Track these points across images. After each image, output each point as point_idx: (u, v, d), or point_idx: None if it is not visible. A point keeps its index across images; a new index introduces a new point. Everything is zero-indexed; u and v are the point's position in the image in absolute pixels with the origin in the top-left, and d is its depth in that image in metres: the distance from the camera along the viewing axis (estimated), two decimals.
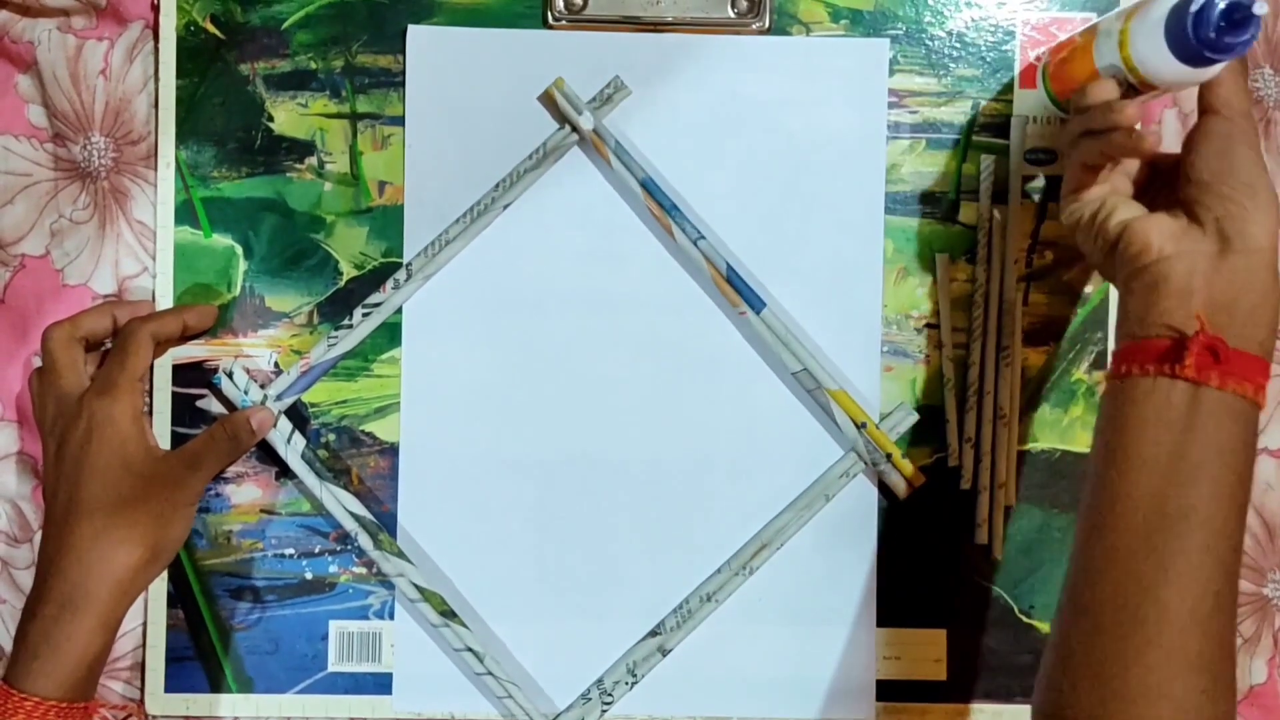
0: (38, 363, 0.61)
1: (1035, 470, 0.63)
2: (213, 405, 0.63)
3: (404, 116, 0.63)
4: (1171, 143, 0.63)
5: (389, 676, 0.63)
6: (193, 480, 0.58)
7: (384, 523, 0.62)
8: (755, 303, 0.62)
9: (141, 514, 0.56)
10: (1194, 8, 0.49)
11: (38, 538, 0.62)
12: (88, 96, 0.63)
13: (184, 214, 0.63)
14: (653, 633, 0.62)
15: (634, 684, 0.62)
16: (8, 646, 0.57)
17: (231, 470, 0.63)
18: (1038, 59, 0.63)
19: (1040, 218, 0.63)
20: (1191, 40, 0.49)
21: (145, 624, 0.63)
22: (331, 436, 0.63)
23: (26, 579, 0.62)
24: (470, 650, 0.61)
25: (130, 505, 0.56)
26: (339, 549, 0.63)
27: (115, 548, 0.56)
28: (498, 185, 0.62)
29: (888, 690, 0.63)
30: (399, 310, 0.63)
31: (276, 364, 0.63)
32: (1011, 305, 0.62)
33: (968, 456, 0.63)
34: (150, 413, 0.62)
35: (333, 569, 0.63)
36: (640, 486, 0.63)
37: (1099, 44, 0.55)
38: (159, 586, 0.62)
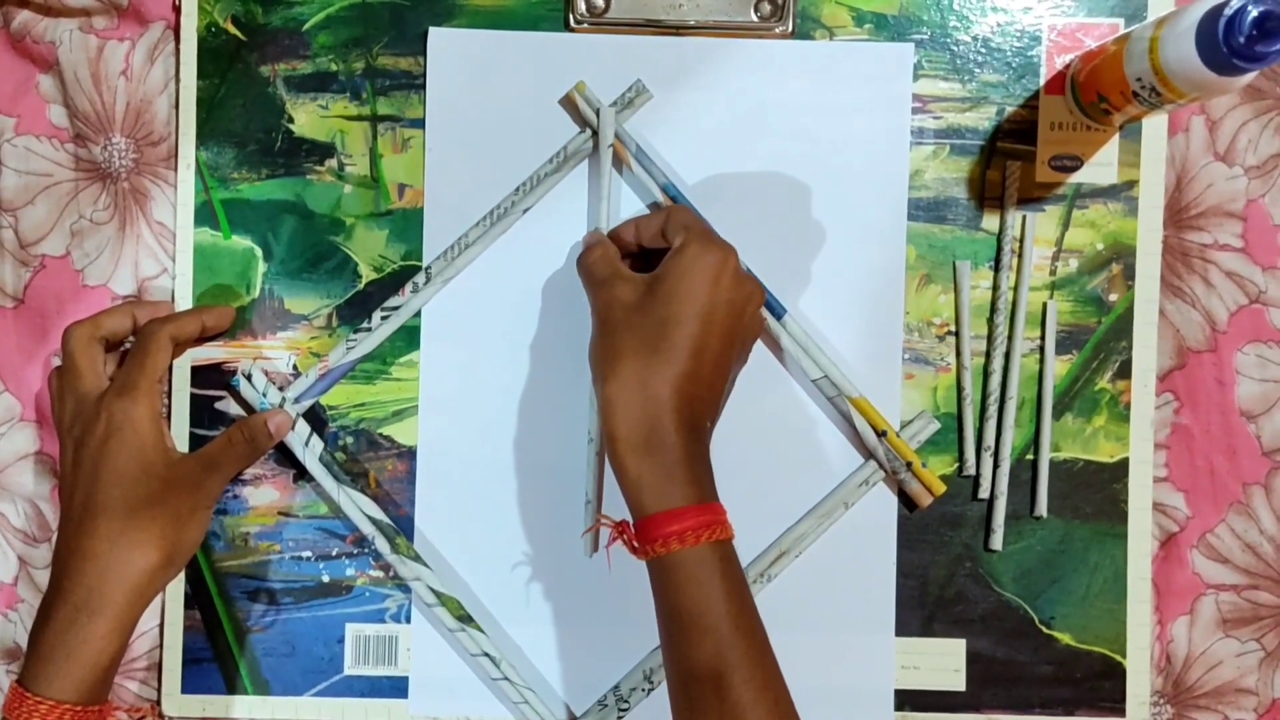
0: (57, 362, 0.61)
1: (1058, 480, 0.63)
2: (231, 407, 0.63)
3: (424, 119, 0.63)
4: (1199, 152, 0.63)
5: (405, 680, 0.63)
6: (210, 483, 0.58)
7: (401, 526, 0.62)
8: (776, 309, 0.62)
9: (158, 516, 0.56)
10: (1226, 16, 0.48)
11: (56, 538, 0.62)
12: (109, 97, 0.63)
13: (204, 215, 0.63)
14: None
15: (650, 690, 0.61)
16: (25, 646, 0.57)
17: (249, 472, 0.63)
18: (1066, 66, 0.62)
19: (1065, 225, 0.63)
20: (1222, 48, 0.49)
21: (162, 625, 0.63)
22: (349, 439, 0.63)
23: (45, 578, 0.62)
24: (487, 655, 0.61)
25: (147, 507, 0.56)
26: (356, 552, 0.63)
27: (131, 550, 0.56)
28: (518, 189, 0.62)
29: (906, 700, 0.63)
30: (418, 313, 0.62)
31: (295, 366, 0.63)
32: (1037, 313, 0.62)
33: (986, 465, 0.62)
34: (169, 414, 0.62)
35: (350, 572, 0.63)
36: None
37: (1129, 51, 0.54)
38: (176, 588, 0.62)
